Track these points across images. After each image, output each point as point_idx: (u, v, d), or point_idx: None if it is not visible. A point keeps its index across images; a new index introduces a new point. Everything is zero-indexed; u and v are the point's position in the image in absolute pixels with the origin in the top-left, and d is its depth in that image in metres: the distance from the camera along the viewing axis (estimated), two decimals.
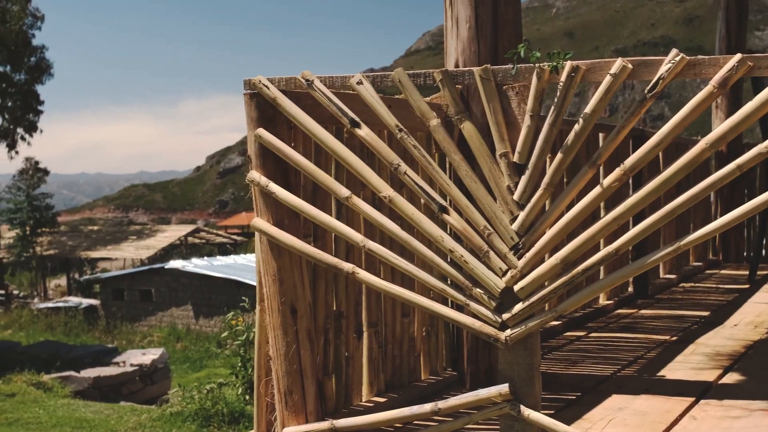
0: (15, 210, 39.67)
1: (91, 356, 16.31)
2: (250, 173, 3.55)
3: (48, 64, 42.69)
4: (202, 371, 23.33)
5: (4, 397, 12.87)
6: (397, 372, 4.44)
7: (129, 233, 43.77)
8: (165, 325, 31.36)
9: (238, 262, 33.69)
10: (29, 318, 32.75)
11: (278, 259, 3.52)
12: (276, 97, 3.44)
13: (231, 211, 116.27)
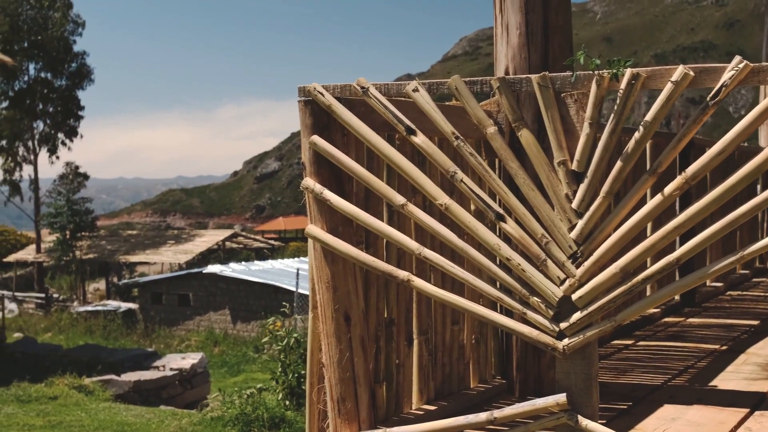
0: (55, 214, 40.03)
1: (132, 360, 16.41)
2: (304, 180, 3.56)
3: (89, 70, 43.23)
4: (240, 376, 23.41)
5: (47, 399, 12.98)
6: (447, 380, 4.42)
7: (167, 238, 44.04)
8: (202, 330, 31.50)
9: (276, 267, 33.78)
10: (69, 321, 33.04)
11: (332, 267, 3.52)
12: (331, 104, 3.44)
13: (268, 216, 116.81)
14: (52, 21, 41.40)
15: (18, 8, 41.06)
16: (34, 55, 41.50)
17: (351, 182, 3.58)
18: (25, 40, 41.09)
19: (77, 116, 43.28)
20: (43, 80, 42.30)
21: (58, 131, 43.04)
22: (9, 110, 42.10)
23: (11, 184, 43.54)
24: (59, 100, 42.52)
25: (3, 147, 42.55)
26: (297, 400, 12.20)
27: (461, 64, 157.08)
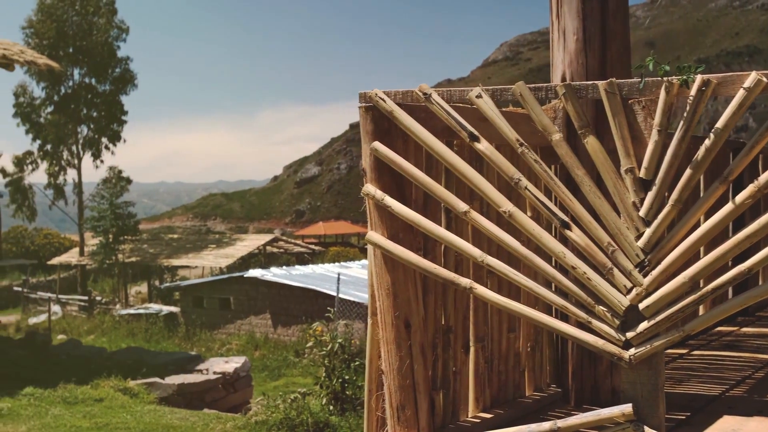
0: (99, 218, 40.35)
1: (175, 363, 16.47)
2: (365, 186, 3.54)
3: (132, 75, 43.59)
4: (280, 380, 23.45)
5: (93, 401, 13.05)
6: (503, 388, 4.39)
7: (209, 242, 44.25)
8: (243, 333, 31.60)
9: (317, 271, 33.82)
10: (111, 324, 33.29)
11: (392, 273, 3.50)
12: (393, 110, 3.42)
13: (307, 220, 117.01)
14: (97, 27, 41.81)
15: (64, 14, 41.53)
16: (78, 61, 41.92)
17: (411, 188, 3.56)
18: (71, 45, 41.53)
19: (121, 121, 43.65)
20: (87, 85, 42.70)
21: (102, 136, 43.41)
22: (54, 115, 42.56)
23: (56, 188, 43.99)
24: (103, 105, 42.90)
25: (48, 151, 43.01)
26: (341, 405, 12.19)
27: (501, 70, 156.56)
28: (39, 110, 42.66)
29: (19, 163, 42.01)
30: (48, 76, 39.31)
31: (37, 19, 41.51)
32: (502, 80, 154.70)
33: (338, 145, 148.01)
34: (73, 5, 41.76)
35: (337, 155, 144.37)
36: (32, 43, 39.36)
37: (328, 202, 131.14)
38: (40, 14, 41.59)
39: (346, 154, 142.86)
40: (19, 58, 16.14)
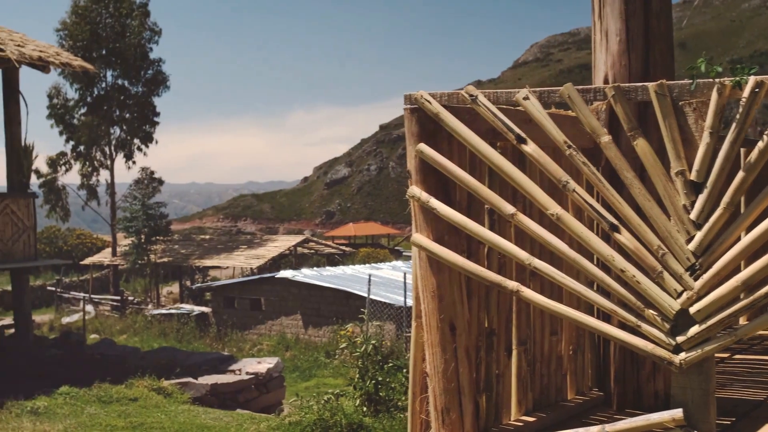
0: (131, 218, 40.60)
1: (208, 363, 16.51)
2: (410, 189, 3.53)
3: (164, 77, 43.76)
4: (311, 380, 23.48)
5: (127, 401, 13.12)
6: (545, 391, 4.37)
7: (240, 243, 44.37)
8: (274, 334, 31.66)
9: (347, 272, 33.83)
10: (143, 323, 33.48)
11: (438, 276, 3.49)
12: (438, 112, 3.41)
13: (337, 221, 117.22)
14: (130, 29, 42.03)
15: (97, 17, 41.79)
16: (111, 62, 42.14)
17: (457, 191, 3.55)
18: (104, 47, 41.77)
19: (153, 122, 43.86)
20: (120, 87, 42.94)
21: (134, 137, 43.62)
22: (87, 116, 42.83)
23: (89, 189, 44.26)
24: (135, 107, 43.12)
25: (81, 152, 43.26)
26: (374, 407, 12.18)
27: (532, 71, 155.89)
28: (72, 112, 42.93)
29: (52, 164, 42.29)
30: (82, 77, 39.58)
31: (71, 21, 41.77)
32: (532, 81, 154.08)
33: (368, 147, 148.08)
34: (106, 7, 41.99)
35: (367, 156, 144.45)
36: (66, 45, 39.65)
37: (357, 203, 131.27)
38: (74, 16, 41.85)
39: (376, 156, 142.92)
40: (54, 60, 16.24)
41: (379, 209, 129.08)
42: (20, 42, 16.08)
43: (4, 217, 16.32)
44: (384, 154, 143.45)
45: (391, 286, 29.43)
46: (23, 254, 16.71)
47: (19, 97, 16.91)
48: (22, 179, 16.94)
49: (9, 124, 16.82)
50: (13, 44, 15.59)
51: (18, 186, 16.88)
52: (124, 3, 42.05)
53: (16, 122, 16.83)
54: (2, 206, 16.27)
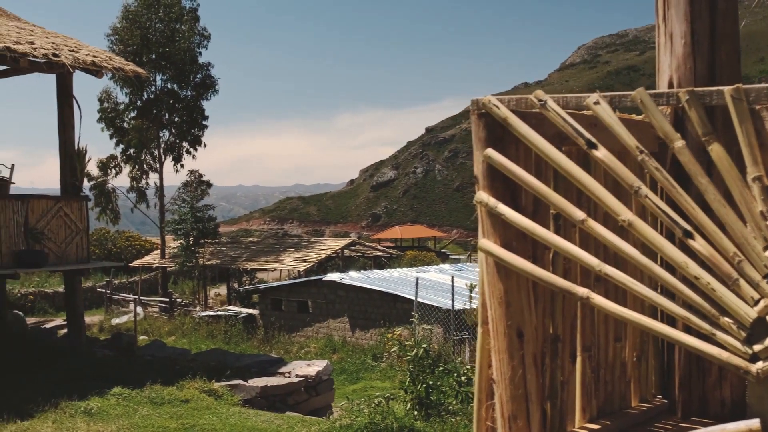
0: (179, 221, 41.00)
1: (258, 366, 16.57)
2: (477, 194, 3.50)
3: (213, 81, 44.16)
4: (359, 383, 23.50)
5: (179, 402, 13.20)
6: (609, 398, 4.32)
7: (287, 245, 44.58)
8: (321, 336, 31.75)
9: (394, 275, 33.85)
10: (191, 325, 33.74)
11: (505, 282, 3.46)
12: (507, 117, 3.38)
13: (383, 224, 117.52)
14: (179, 34, 42.45)
15: (147, 22, 42.27)
16: (161, 67, 42.61)
17: (525, 196, 3.52)
18: (154, 52, 42.24)
19: (202, 126, 44.27)
20: (169, 91, 43.40)
21: (183, 140, 44.08)
22: (137, 120, 43.33)
23: (138, 192, 44.78)
24: (184, 110, 43.56)
25: (131, 155, 43.79)
26: (425, 411, 12.15)
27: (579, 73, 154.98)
28: (122, 115, 43.49)
29: (103, 167, 42.86)
30: (132, 82, 40.02)
31: (122, 26, 42.31)
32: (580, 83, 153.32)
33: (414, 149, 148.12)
34: (156, 13, 42.48)
35: (413, 159, 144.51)
36: (116, 50, 40.14)
37: (403, 205, 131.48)
38: (124, 21, 42.39)
39: (422, 158, 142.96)
40: (107, 65, 16.42)
41: (425, 212, 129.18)
42: (74, 47, 16.28)
43: (58, 220, 16.53)
44: (430, 156, 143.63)
45: (439, 289, 29.38)
46: (76, 256, 16.91)
47: (73, 102, 17.12)
48: (76, 182, 17.15)
49: (63, 128, 17.04)
50: (67, 50, 15.80)
51: (71, 189, 17.09)
52: (174, 8, 42.52)
53: (69, 126, 17.05)
54: (56, 209, 16.48)
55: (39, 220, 16.13)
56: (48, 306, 39.35)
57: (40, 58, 15.16)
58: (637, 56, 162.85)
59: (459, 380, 12.39)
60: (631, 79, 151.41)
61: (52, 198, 16.82)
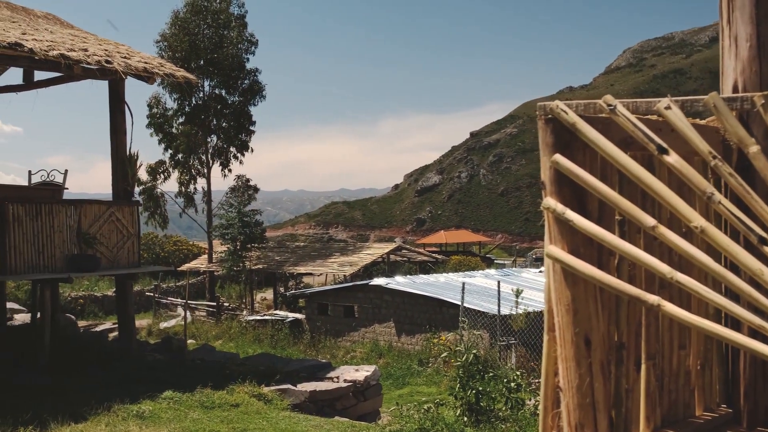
0: (227, 226, 41.29)
1: (306, 370, 16.61)
2: (545, 200, 3.48)
3: (260, 87, 44.48)
4: (405, 388, 23.49)
5: (229, 407, 13.27)
6: (673, 406, 4.27)
7: (333, 250, 44.69)
8: (367, 341, 31.77)
9: (440, 280, 33.79)
10: (238, 329, 33.94)
11: (573, 289, 3.43)
12: (575, 122, 3.35)
13: (428, 229, 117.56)
14: (227, 40, 42.81)
15: (196, 28, 42.68)
16: (209, 72, 42.99)
17: (593, 202, 3.49)
18: (202, 58, 42.62)
19: (249, 131, 44.58)
20: (217, 96, 43.77)
21: (231, 145, 44.42)
22: (185, 125, 43.74)
23: (186, 196, 45.18)
24: (232, 116, 43.91)
25: (179, 160, 44.20)
26: (475, 417, 12.11)
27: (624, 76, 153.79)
28: (171, 121, 43.94)
29: (152, 172, 43.32)
30: (181, 87, 40.42)
31: (171, 32, 42.77)
32: (625, 87, 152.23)
33: (459, 154, 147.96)
34: (205, 19, 42.89)
35: (458, 164, 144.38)
36: (165, 56, 40.54)
37: (448, 210, 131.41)
38: (174, 28, 42.84)
39: (467, 163, 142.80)
40: (158, 71, 16.59)
41: (469, 216, 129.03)
42: (126, 54, 16.47)
43: (110, 225, 16.72)
44: (475, 161, 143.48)
45: (485, 295, 29.29)
46: (127, 261, 17.09)
47: (125, 108, 17.31)
48: (127, 187, 17.33)
49: (115, 133, 17.23)
50: (119, 56, 15.98)
51: (123, 194, 17.28)
52: (222, 15, 42.91)
53: (121, 132, 17.23)
54: (108, 214, 16.67)
55: (91, 224, 16.33)
56: (97, 309, 39.86)
57: (93, 65, 15.36)
58: (683, 59, 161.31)
59: (509, 386, 12.34)
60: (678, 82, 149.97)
61: (104, 203, 17.01)
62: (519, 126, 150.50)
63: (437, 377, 24.07)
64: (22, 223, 15.31)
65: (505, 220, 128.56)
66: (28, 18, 18.27)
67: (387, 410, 17.25)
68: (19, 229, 15.24)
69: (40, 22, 18.14)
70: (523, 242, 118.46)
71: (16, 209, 15.26)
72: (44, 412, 11.68)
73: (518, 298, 25.29)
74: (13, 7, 18.75)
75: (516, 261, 69.22)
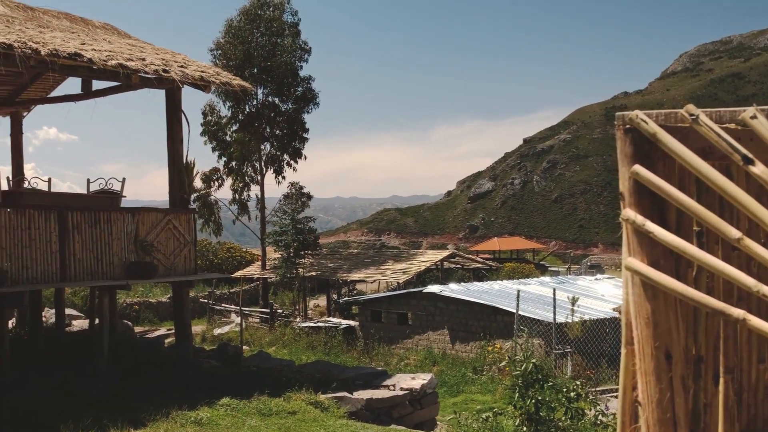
0: (281, 233, 41.49)
1: (362, 378, 16.60)
2: (624, 211, 3.40)
3: (314, 94, 44.67)
4: (459, 396, 23.37)
5: (286, 414, 13.30)
6: (752, 422, 4.15)
7: (387, 257, 44.69)
8: (421, 349, 31.69)
9: (495, 288, 33.63)
10: (291, 336, 34.05)
11: (652, 302, 3.35)
12: (656, 132, 3.28)
13: (481, 236, 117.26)
14: (281, 48, 43.06)
15: (249, 36, 43.01)
16: (262, 80, 43.27)
17: (673, 213, 3.41)
18: (255, 66, 42.92)
19: (302, 138, 44.77)
20: (270, 104, 44.03)
21: (284, 153, 44.65)
22: (239, 133, 44.08)
23: (239, 203, 45.50)
24: (285, 123, 44.14)
25: (233, 168, 44.54)
26: (535, 427, 12.00)
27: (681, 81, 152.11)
28: (225, 128, 44.32)
29: (206, 179, 43.70)
30: (235, 95, 40.75)
31: (225, 41, 43.15)
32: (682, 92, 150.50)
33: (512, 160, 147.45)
34: (259, 27, 43.21)
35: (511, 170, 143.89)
36: (219, 64, 40.91)
37: (501, 217, 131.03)
38: (228, 36, 43.22)
39: (520, 169, 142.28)
40: (215, 80, 16.72)
41: (523, 223, 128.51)
42: (182, 63, 16.62)
43: (167, 232, 16.87)
44: (528, 167, 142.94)
45: (540, 302, 29.11)
46: (184, 268, 17.23)
47: (182, 116, 17.47)
48: (184, 195, 17.47)
49: (172, 141, 17.39)
50: (176, 65, 16.14)
51: (180, 202, 17.44)
52: (276, 22, 43.19)
53: (178, 140, 17.39)
54: (165, 221, 16.83)
55: (149, 232, 16.49)
56: (152, 315, 40.27)
57: (151, 74, 15.53)
58: (741, 63, 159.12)
59: (568, 396, 12.21)
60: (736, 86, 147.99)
61: (162, 211, 17.19)
62: (573, 132, 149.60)
63: (492, 385, 23.92)
64: (82, 230, 15.52)
65: (558, 227, 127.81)
66: (86, 28, 18.53)
67: (443, 419, 17.19)
68: (78, 236, 15.45)
69: (98, 33, 18.39)
70: (577, 249, 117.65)
71: (75, 217, 15.47)
72: (104, 418, 11.81)
73: (574, 306, 25.08)
74: (72, 18, 19.04)
75: (570, 268, 68.70)
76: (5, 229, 14.36)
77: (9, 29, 14.78)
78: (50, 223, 15.07)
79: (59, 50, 14.08)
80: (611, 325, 24.23)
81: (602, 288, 34.93)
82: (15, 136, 21.66)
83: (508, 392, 12.94)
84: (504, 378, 22.32)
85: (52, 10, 18.88)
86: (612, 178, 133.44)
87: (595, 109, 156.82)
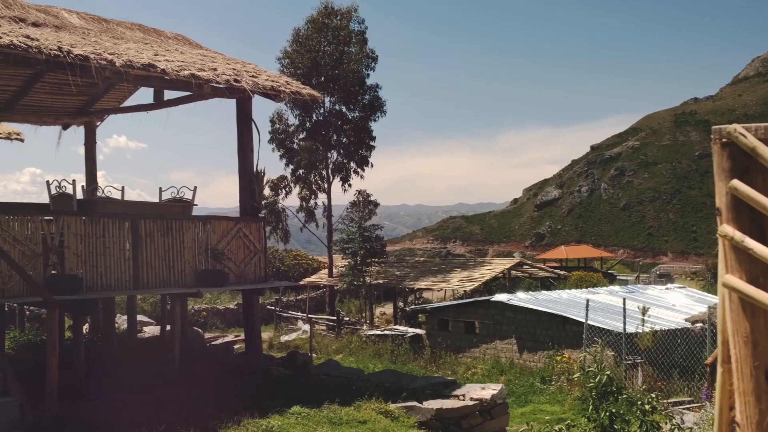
0: (348, 240, 41.62)
1: (432, 388, 16.52)
2: (722, 227, 3.31)
3: (381, 102, 44.74)
4: (527, 406, 23.12)
5: (356, 423, 13.28)
6: None
7: (453, 265, 44.51)
8: (488, 358, 31.46)
9: (563, 297, 33.26)
10: (358, 344, 34.04)
11: (752, 320, 3.25)
12: (755, 146, 3.18)
13: (548, 244, 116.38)
14: (347, 56, 43.23)
15: (317, 45, 43.27)
16: (330, 89, 43.49)
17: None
18: (323, 74, 43.15)
19: (369, 146, 44.85)
20: (337, 112, 44.22)
21: (351, 161, 44.79)
22: (306, 141, 44.34)
23: (306, 211, 45.74)
24: (352, 132, 44.28)
25: (300, 176, 44.81)
26: None
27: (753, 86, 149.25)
28: (292, 137, 44.63)
29: (274, 187, 44.04)
30: (304, 104, 41.02)
31: (293, 49, 43.47)
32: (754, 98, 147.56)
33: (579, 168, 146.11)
34: (326, 36, 43.46)
35: (578, 178, 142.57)
36: (287, 73, 41.23)
37: (568, 225, 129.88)
38: (295, 45, 43.55)
39: (588, 177, 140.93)
40: (285, 89, 16.80)
41: (590, 231, 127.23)
42: (253, 73, 16.74)
43: (237, 240, 16.99)
44: (595, 175, 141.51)
45: (609, 312, 28.70)
46: (254, 276, 17.33)
47: (252, 125, 17.58)
48: (254, 204, 17.58)
49: (242, 150, 17.50)
50: (247, 75, 16.26)
51: (250, 210, 17.55)
52: (342, 31, 43.38)
53: (248, 149, 17.50)
54: (236, 230, 16.94)
55: (220, 240, 16.62)
56: (219, 322, 40.65)
57: (222, 84, 15.67)
58: None
59: (642, 408, 11.97)
60: None
61: (232, 219, 17.32)
62: (641, 139, 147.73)
63: (560, 396, 23.62)
64: (154, 238, 15.70)
65: (627, 235, 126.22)
66: (159, 39, 18.78)
67: (512, 429, 17.02)
68: (151, 244, 15.63)
69: (170, 43, 18.62)
70: (646, 258, 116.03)
71: (148, 225, 15.66)
72: (177, 425, 11.90)
73: (645, 316, 24.68)
74: (145, 29, 19.31)
75: (639, 277, 67.76)
76: (80, 237, 14.58)
77: (85, 41, 15.04)
78: (124, 231, 15.27)
79: (133, 61, 14.28)
80: (683, 336, 23.79)
81: (673, 298, 34.34)
82: (89, 145, 22.05)
83: (578, 403, 12.73)
84: (573, 389, 22.04)
85: (125, 21, 19.18)
86: (681, 185, 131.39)
87: (663, 115, 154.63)
